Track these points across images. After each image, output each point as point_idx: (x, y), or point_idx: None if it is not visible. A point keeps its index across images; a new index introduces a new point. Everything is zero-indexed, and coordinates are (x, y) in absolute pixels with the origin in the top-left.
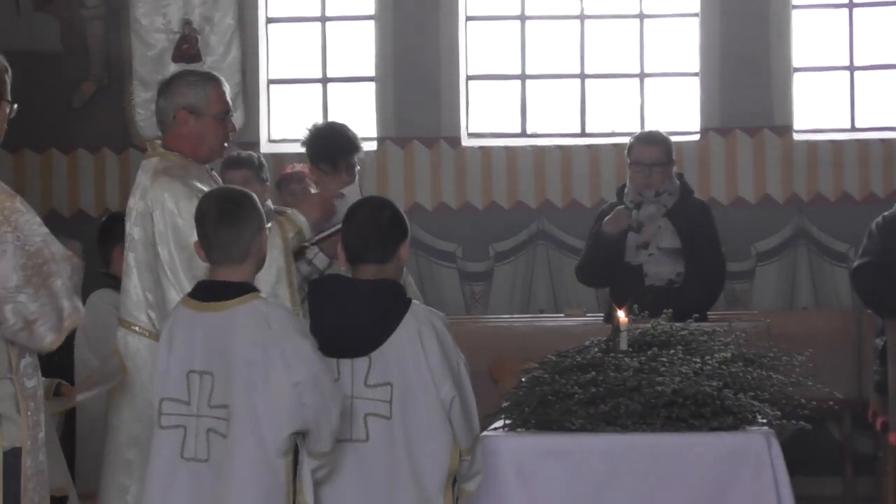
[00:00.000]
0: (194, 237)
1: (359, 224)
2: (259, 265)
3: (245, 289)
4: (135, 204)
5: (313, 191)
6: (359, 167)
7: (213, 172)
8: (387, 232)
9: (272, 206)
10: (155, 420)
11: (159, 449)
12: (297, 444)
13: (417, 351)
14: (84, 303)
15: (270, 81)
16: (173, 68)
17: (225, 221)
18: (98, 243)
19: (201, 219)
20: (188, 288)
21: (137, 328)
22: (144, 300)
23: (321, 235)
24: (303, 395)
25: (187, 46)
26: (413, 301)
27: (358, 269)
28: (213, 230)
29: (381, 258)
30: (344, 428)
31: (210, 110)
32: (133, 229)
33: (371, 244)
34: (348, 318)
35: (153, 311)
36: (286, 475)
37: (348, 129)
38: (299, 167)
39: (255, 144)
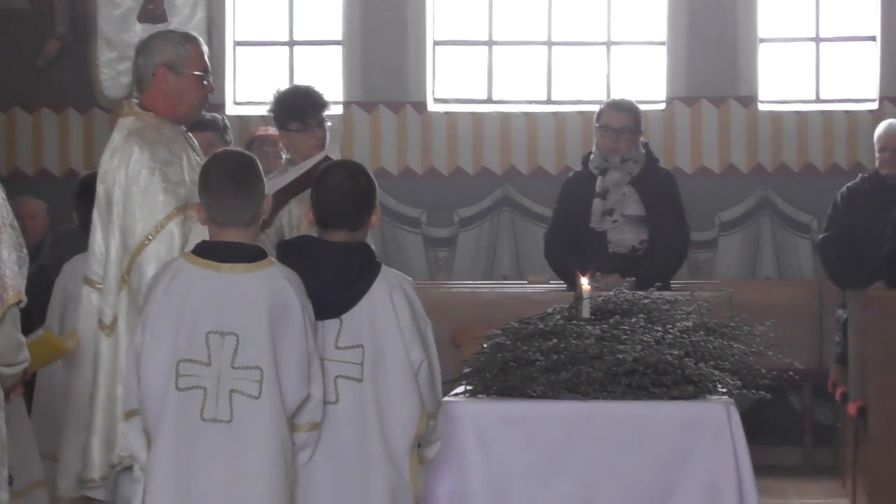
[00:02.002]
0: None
1: (333, 190)
2: (259, 230)
3: (264, 252)
4: (105, 162)
5: (285, 156)
6: (329, 123)
7: (189, 134)
8: (362, 200)
9: None
10: (170, 381)
11: (176, 410)
12: None
13: (389, 314)
14: (63, 266)
15: (237, 43)
16: (139, 28)
17: (237, 184)
18: (75, 202)
19: (207, 181)
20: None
21: (102, 286)
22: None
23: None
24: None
25: (153, 7)
26: (382, 265)
27: (328, 233)
28: (224, 192)
29: (354, 225)
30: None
31: (189, 68)
32: (99, 187)
33: (345, 212)
34: (319, 280)
35: None
36: (293, 440)
37: (313, 88)
38: (272, 130)
39: (220, 107)
